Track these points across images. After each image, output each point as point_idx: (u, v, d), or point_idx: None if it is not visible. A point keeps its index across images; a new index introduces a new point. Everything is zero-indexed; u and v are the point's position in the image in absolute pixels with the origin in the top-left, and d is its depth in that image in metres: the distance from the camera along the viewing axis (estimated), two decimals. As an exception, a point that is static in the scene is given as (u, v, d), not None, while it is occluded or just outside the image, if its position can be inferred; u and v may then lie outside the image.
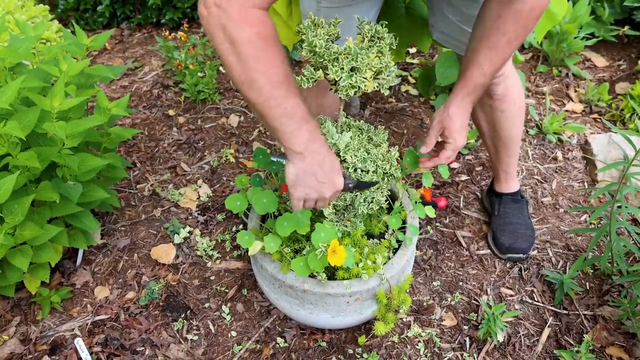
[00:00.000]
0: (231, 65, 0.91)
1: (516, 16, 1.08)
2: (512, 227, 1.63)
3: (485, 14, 1.13)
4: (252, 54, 0.89)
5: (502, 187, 1.70)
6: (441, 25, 1.43)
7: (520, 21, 1.09)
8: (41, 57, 1.50)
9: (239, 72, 0.91)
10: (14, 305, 1.51)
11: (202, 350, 1.42)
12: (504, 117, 1.51)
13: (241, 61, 0.90)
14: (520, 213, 1.67)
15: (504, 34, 1.11)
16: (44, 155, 1.29)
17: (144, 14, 2.96)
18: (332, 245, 1.12)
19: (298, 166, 1.02)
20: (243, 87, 0.93)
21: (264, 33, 0.90)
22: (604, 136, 1.99)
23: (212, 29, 0.89)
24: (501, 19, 1.09)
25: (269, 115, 0.96)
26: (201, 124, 2.22)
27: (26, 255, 1.30)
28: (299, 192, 1.06)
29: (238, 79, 0.92)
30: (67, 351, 1.40)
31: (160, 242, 1.71)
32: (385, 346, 1.41)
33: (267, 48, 0.90)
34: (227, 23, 0.87)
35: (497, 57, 1.14)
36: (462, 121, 1.21)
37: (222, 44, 0.89)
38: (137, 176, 1.96)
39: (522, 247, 1.60)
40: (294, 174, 1.03)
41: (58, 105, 1.24)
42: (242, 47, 0.88)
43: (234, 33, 0.87)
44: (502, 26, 1.10)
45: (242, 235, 1.24)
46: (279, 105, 0.95)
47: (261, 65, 0.91)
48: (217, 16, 0.87)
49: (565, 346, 1.41)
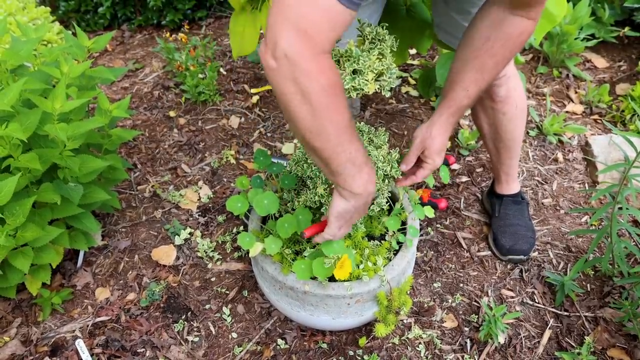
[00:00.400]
0: (301, 115, 0.87)
1: (505, 39, 1.09)
2: (513, 229, 1.63)
3: (473, 35, 1.12)
4: (324, 103, 0.86)
5: (502, 189, 1.70)
6: (447, 26, 1.43)
7: (508, 45, 1.10)
8: (42, 59, 1.50)
9: (310, 122, 0.87)
10: (15, 306, 1.51)
11: (203, 351, 1.42)
12: (506, 119, 1.51)
13: (313, 111, 0.86)
14: (520, 214, 1.67)
15: (492, 56, 1.11)
16: (45, 157, 1.29)
17: (145, 15, 2.96)
18: (342, 260, 1.13)
19: (351, 204, 1.04)
20: (310, 136, 0.90)
21: (333, 80, 0.86)
22: (605, 137, 1.99)
23: (282, 81, 0.83)
24: (490, 41, 1.10)
25: (334, 160, 0.94)
26: (202, 126, 2.22)
27: (27, 256, 1.30)
28: (342, 222, 1.09)
29: (306, 128, 0.89)
30: (68, 352, 1.40)
31: (161, 244, 1.71)
32: (386, 348, 1.41)
33: (337, 94, 0.87)
34: (299, 75, 0.81)
35: (482, 79, 1.14)
36: (443, 142, 1.22)
37: (291, 95, 0.84)
38: (138, 177, 1.97)
39: (522, 248, 1.60)
40: (344, 209, 1.05)
41: (59, 107, 1.24)
42: (315, 97, 0.84)
43: (307, 84, 0.83)
44: (490, 49, 1.10)
45: (242, 236, 1.24)
46: (345, 151, 0.94)
47: (331, 113, 0.88)
48: (287, 68, 0.81)
49: (566, 348, 1.41)
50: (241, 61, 2.65)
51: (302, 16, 0.79)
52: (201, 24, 3.03)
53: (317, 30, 0.81)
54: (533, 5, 1.05)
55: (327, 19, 0.81)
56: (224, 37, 2.88)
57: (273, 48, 0.80)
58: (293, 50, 0.80)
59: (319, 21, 0.81)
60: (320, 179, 1.21)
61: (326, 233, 1.11)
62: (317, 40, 0.81)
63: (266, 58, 0.82)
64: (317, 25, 0.81)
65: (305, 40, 0.80)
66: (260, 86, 2.45)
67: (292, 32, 0.79)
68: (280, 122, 2.24)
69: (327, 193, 1.20)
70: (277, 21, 0.80)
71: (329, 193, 1.20)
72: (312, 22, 0.80)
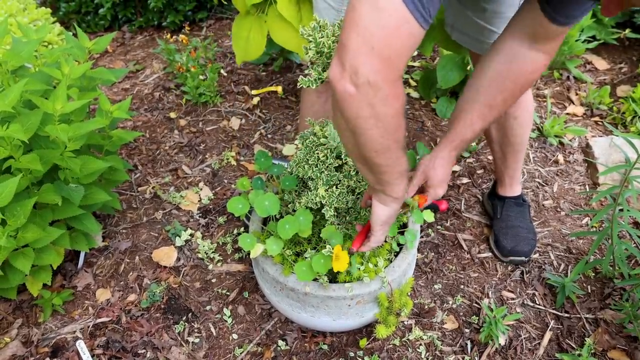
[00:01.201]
0: (372, 137, 0.87)
1: (517, 76, 1.10)
2: (514, 231, 1.63)
3: (485, 69, 1.13)
4: (395, 125, 0.87)
5: (505, 191, 1.70)
6: (461, 26, 1.42)
7: (519, 81, 1.11)
8: (43, 60, 1.50)
9: (379, 143, 0.88)
10: (16, 307, 1.51)
11: (204, 353, 1.41)
12: (517, 123, 1.52)
13: (385, 133, 0.87)
14: (522, 216, 1.67)
15: (502, 92, 1.12)
16: (46, 158, 1.30)
17: (146, 16, 2.96)
18: (335, 251, 1.13)
19: (392, 207, 1.08)
20: (375, 154, 0.91)
21: (403, 102, 0.86)
22: (605, 139, 1.99)
23: (359, 106, 0.82)
24: (502, 77, 1.10)
25: (390, 173, 0.98)
26: (202, 127, 2.22)
27: (28, 257, 1.30)
28: (385, 227, 1.13)
29: (373, 147, 0.90)
30: (69, 353, 1.40)
31: (161, 245, 1.71)
32: (387, 349, 1.41)
33: (402, 116, 0.88)
34: (377, 100, 0.81)
35: (490, 114, 1.15)
36: (446, 174, 1.24)
37: (365, 119, 0.84)
38: (139, 179, 1.97)
39: (524, 250, 1.60)
40: (387, 215, 1.09)
41: (60, 108, 1.24)
42: (389, 120, 0.85)
43: (384, 109, 0.83)
44: (502, 84, 1.11)
45: (243, 238, 1.24)
46: (400, 165, 0.97)
47: (398, 133, 0.89)
48: (368, 94, 0.80)
49: (567, 349, 1.40)
50: (242, 63, 2.65)
51: (387, 43, 0.77)
52: (202, 26, 3.04)
53: (399, 56, 0.80)
54: (552, 38, 1.05)
55: (409, 45, 0.80)
56: (225, 39, 2.88)
57: (354, 73, 0.78)
58: (377, 77, 0.78)
59: (402, 47, 0.80)
60: (322, 180, 1.21)
61: (373, 242, 1.15)
62: (399, 65, 0.81)
63: (343, 84, 0.80)
64: (399, 52, 0.80)
65: (388, 66, 0.79)
66: (261, 88, 2.45)
67: (376, 59, 0.77)
68: (281, 124, 2.24)
69: (327, 194, 1.20)
70: (358, 46, 0.77)
71: (329, 194, 1.20)
72: (395, 49, 0.78)
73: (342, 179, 1.21)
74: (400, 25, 0.77)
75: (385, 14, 0.76)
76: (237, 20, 1.72)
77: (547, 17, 1.01)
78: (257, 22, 1.67)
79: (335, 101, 0.84)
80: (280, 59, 2.55)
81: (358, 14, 0.77)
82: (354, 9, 0.78)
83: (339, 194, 1.21)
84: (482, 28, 1.35)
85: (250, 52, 1.71)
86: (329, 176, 1.21)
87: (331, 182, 1.21)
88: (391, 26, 0.76)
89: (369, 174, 1.00)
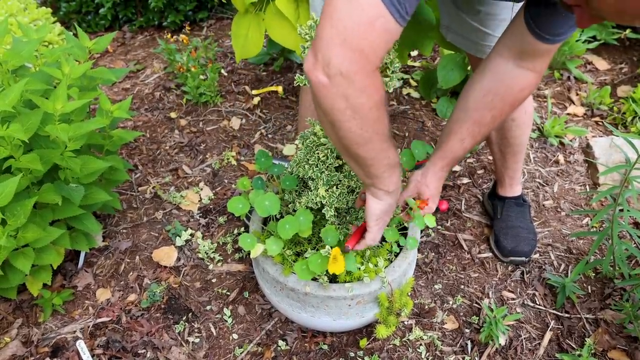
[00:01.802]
0: (350, 129, 0.87)
1: (506, 94, 1.10)
2: (515, 231, 1.63)
3: (474, 86, 1.14)
4: (374, 117, 0.87)
5: (505, 191, 1.70)
6: (457, 27, 1.43)
7: (508, 99, 1.11)
8: (44, 59, 1.50)
9: (358, 135, 0.88)
10: (16, 307, 1.51)
11: (204, 352, 1.41)
12: (515, 125, 1.52)
13: (363, 125, 0.87)
14: (522, 217, 1.67)
15: (491, 109, 1.12)
16: (46, 158, 1.30)
17: (146, 16, 2.97)
18: (333, 253, 1.13)
19: (385, 202, 1.06)
20: (357, 147, 0.91)
21: (382, 94, 0.86)
22: (606, 139, 1.99)
23: (333, 98, 0.82)
24: (490, 94, 1.11)
25: (376, 166, 0.97)
26: (203, 127, 2.22)
27: (28, 257, 1.30)
28: (381, 224, 1.11)
29: (354, 140, 0.89)
30: (69, 353, 1.40)
31: (161, 245, 1.71)
32: (387, 349, 1.41)
33: (382, 108, 0.88)
34: (352, 92, 0.81)
35: (479, 132, 1.16)
36: (437, 189, 1.25)
37: (342, 110, 0.84)
38: (139, 179, 1.97)
39: (524, 250, 1.60)
40: (381, 210, 1.07)
41: (60, 108, 1.24)
42: (366, 112, 0.85)
43: (360, 100, 0.83)
44: (490, 102, 1.11)
45: (244, 238, 1.24)
46: (386, 157, 0.96)
47: (379, 125, 0.89)
48: (341, 85, 0.80)
49: (567, 350, 1.40)
50: (242, 62, 2.66)
51: (359, 36, 0.78)
52: (202, 25, 3.04)
53: (373, 50, 0.80)
54: (540, 56, 1.05)
55: (384, 39, 0.81)
56: (225, 39, 2.88)
57: (326, 65, 0.79)
58: (349, 69, 0.78)
59: (376, 41, 0.80)
60: (322, 180, 1.21)
61: (369, 239, 1.13)
62: (373, 58, 0.81)
63: (316, 74, 0.81)
64: (373, 45, 0.80)
65: (361, 59, 0.79)
66: (262, 87, 2.45)
67: (348, 51, 0.78)
68: (282, 124, 2.24)
69: (328, 194, 1.20)
70: (331, 37, 0.78)
71: (330, 194, 1.20)
72: (369, 42, 0.79)
73: (343, 179, 1.21)
74: (374, 19, 0.77)
75: (359, 8, 0.76)
76: (236, 18, 1.72)
77: (533, 35, 1.01)
78: (255, 20, 1.67)
79: (312, 93, 0.85)
80: (280, 59, 2.55)
81: (334, 6, 0.78)
82: (330, 1, 0.79)
83: (339, 194, 1.21)
84: (477, 30, 1.35)
85: (248, 49, 1.71)
86: (329, 176, 1.21)
87: (331, 182, 1.21)
88: (365, 20, 0.77)
89: (356, 167, 0.99)
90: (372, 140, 0.90)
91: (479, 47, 1.37)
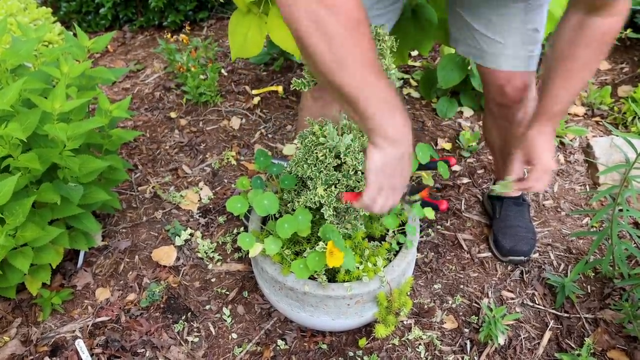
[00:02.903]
0: (318, 48, 0.80)
1: (588, 41, 1.08)
2: (514, 230, 1.63)
3: (557, 40, 1.13)
4: (342, 34, 0.79)
5: None
6: (466, 38, 1.42)
7: (592, 46, 1.09)
8: (43, 59, 1.50)
9: (328, 55, 0.81)
10: (15, 306, 1.51)
11: (203, 352, 1.41)
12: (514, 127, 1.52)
13: (330, 41, 0.80)
14: (521, 216, 1.67)
15: (576, 59, 1.10)
16: (45, 157, 1.29)
17: (146, 16, 2.97)
18: (329, 247, 1.12)
19: (387, 152, 0.93)
20: (332, 69, 0.82)
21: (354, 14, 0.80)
22: (606, 139, 1.99)
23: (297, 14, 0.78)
24: (574, 44, 1.09)
25: (362, 99, 0.85)
26: (203, 127, 2.22)
27: (27, 256, 1.30)
28: (380, 179, 0.96)
29: (325, 62, 0.82)
30: (68, 352, 1.40)
31: (161, 244, 1.71)
32: (386, 349, 1.41)
33: (355, 28, 0.81)
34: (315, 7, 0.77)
35: (571, 84, 1.14)
36: (544, 144, 1.19)
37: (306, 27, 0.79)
38: (139, 178, 1.97)
39: (523, 249, 1.59)
40: (382, 162, 0.93)
41: (59, 107, 1.24)
42: (331, 27, 0.78)
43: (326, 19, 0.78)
44: (574, 52, 1.10)
45: (242, 237, 1.24)
46: (372, 88, 0.85)
47: (350, 45, 0.81)
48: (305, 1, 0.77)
49: (566, 349, 1.40)
50: (242, 62, 2.66)
51: None
52: (202, 25, 3.04)
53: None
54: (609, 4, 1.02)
55: None
56: (225, 39, 2.88)
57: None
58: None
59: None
60: (321, 180, 1.21)
61: (365, 196, 0.97)
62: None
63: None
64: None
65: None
66: (262, 87, 2.45)
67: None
68: (282, 124, 2.24)
69: (326, 194, 1.20)
70: None
71: (328, 194, 1.20)
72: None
73: (341, 179, 1.21)
74: None
75: None
76: (234, 16, 1.69)
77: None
78: (256, 20, 1.66)
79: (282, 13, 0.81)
80: (281, 59, 2.55)
81: None
82: None
83: (338, 194, 1.21)
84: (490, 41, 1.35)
85: (247, 49, 1.69)
86: (328, 176, 1.20)
87: (330, 182, 1.20)
88: None
89: (347, 107, 0.90)
90: (347, 64, 0.82)
91: (491, 58, 1.38)
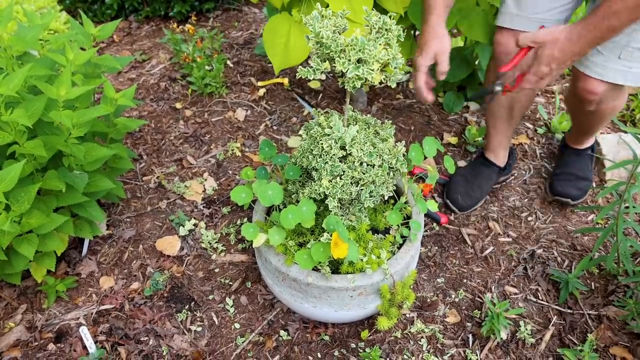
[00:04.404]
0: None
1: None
2: (568, 176, 1.77)
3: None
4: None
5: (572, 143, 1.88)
6: None
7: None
8: (48, 46, 1.50)
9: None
10: (21, 293, 1.52)
11: (206, 341, 1.42)
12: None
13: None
14: (580, 164, 1.81)
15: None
16: (50, 144, 1.30)
17: (152, 6, 2.96)
18: (334, 238, 1.12)
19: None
20: None
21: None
22: (614, 136, 1.98)
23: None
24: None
25: None
26: (208, 118, 2.22)
27: (32, 243, 1.31)
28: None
29: None
30: (72, 339, 1.41)
31: (165, 234, 1.72)
32: (388, 341, 1.41)
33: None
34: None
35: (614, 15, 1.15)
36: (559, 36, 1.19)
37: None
38: (143, 168, 1.97)
39: (571, 193, 1.73)
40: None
41: (65, 94, 1.24)
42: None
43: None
44: None
45: (246, 227, 1.24)
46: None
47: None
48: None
49: (569, 345, 1.40)
50: (248, 54, 2.65)
51: None
52: (209, 16, 3.03)
53: None
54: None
55: None
56: (231, 30, 2.87)
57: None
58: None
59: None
60: (325, 171, 1.21)
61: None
62: None
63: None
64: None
65: None
66: (267, 79, 2.45)
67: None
68: (287, 116, 2.23)
69: (331, 185, 1.20)
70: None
71: (333, 185, 1.20)
72: None
73: (346, 170, 1.21)
74: None
75: None
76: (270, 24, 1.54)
77: None
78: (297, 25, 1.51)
79: None
80: (286, 51, 2.54)
81: None
82: None
83: (343, 185, 1.20)
84: None
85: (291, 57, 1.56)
86: (333, 167, 1.20)
87: (335, 173, 1.20)
88: None
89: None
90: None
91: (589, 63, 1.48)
